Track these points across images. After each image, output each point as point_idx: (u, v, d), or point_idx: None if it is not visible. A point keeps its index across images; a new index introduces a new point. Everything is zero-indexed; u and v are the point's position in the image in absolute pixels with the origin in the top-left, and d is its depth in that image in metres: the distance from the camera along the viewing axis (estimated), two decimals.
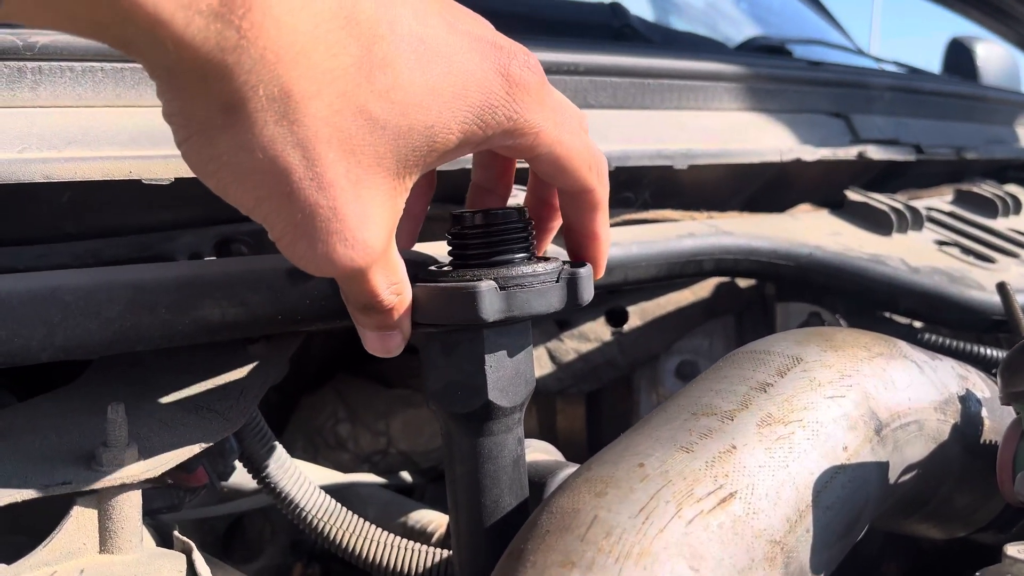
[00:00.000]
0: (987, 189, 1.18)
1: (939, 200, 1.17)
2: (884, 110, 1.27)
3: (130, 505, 0.53)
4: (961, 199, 1.17)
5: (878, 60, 1.84)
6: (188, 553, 0.56)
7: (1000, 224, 1.12)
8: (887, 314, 0.95)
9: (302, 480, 0.74)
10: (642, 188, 0.97)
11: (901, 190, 1.25)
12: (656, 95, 0.99)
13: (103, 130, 0.67)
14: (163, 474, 0.60)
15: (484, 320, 0.55)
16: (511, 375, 0.60)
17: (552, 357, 1.02)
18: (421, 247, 0.71)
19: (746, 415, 0.55)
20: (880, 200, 1.01)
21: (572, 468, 0.76)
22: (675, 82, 1.01)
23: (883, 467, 0.59)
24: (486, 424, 0.60)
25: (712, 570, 0.46)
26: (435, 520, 0.91)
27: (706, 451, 0.52)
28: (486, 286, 0.55)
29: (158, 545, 0.60)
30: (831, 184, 1.14)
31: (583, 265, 0.61)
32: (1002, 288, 0.79)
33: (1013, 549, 0.46)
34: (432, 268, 0.60)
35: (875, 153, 1.11)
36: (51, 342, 0.54)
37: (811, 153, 1.04)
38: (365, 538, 0.73)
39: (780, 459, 0.53)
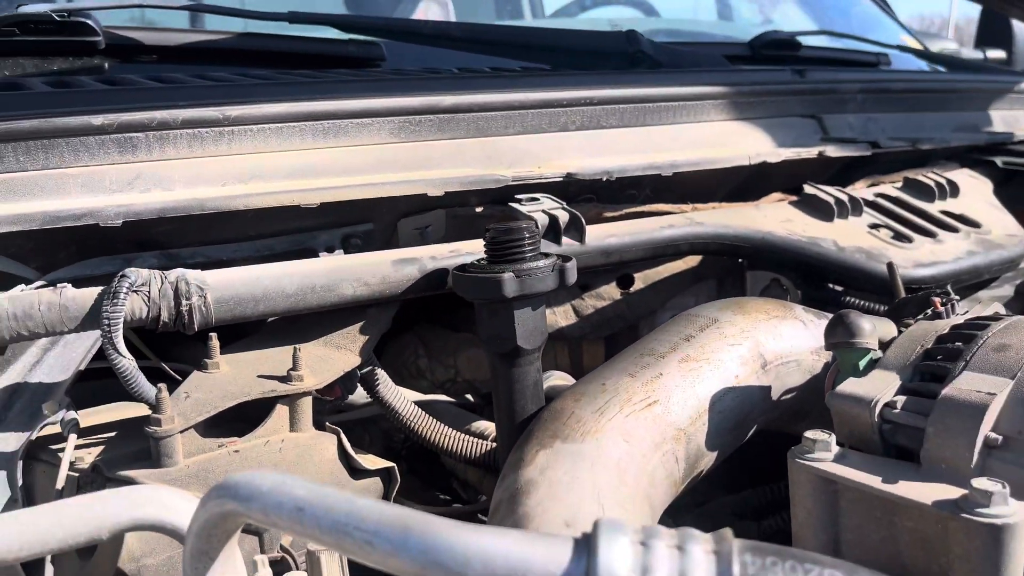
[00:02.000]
0: (930, 176, 1.47)
1: (890, 187, 1.47)
2: (856, 108, 1.57)
3: (307, 405, 0.91)
4: (907, 185, 1.46)
5: (886, 46, 2.08)
6: (338, 434, 0.94)
7: (935, 207, 1.42)
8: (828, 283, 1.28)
9: (400, 397, 1.12)
10: (643, 188, 1.31)
11: (867, 176, 1.55)
12: (655, 114, 1.32)
13: (273, 167, 1.04)
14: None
15: (506, 297, 0.91)
16: (531, 329, 0.96)
17: (576, 311, 1.37)
18: (472, 242, 1.06)
19: (672, 355, 0.90)
20: (828, 192, 1.32)
21: None
22: (671, 104, 1.33)
23: (766, 389, 0.93)
24: (515, 360, 0.97)
25: (637, 442, 0.82)
26: (489, 427, 1.28)
27: (643, 376, 0.88)
28: (508, 276, 0.91)
29: None
30: (802, 175, 1.45)
31: (570, 259, 0.96)
32: (889, 267, 1.11)
33: (810, 432, 0.80)
34: (474, 263, 0.96)
35: (833, 151, 1.42)
36: (256, 309, 0.92)
37: (776, 155, 1.35)
38: (442, 435, 1.10)
39: (690, 382, 0.88)
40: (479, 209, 1.18)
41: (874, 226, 1.33)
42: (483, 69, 1.44)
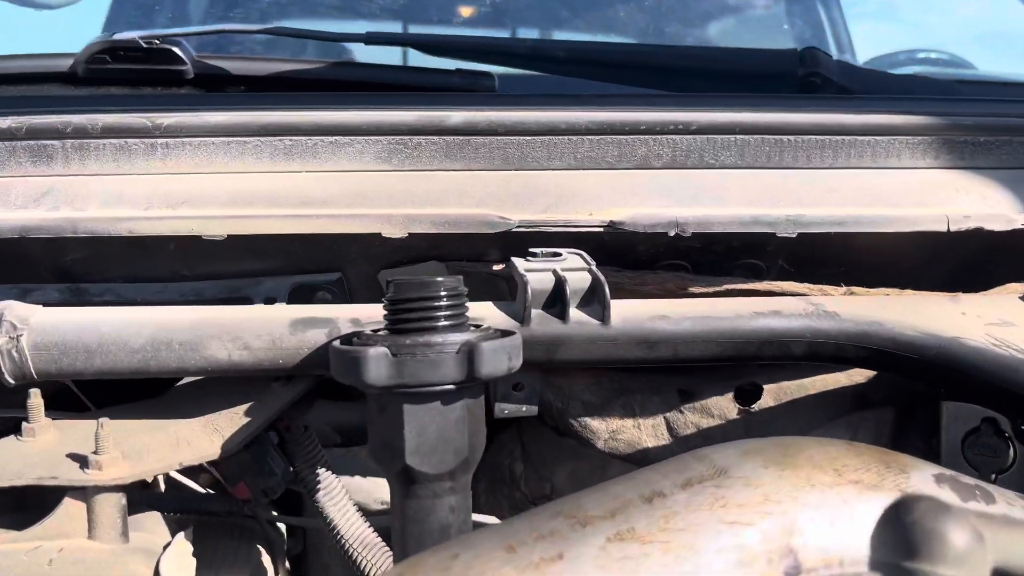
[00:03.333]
0: None
1: None
2: None
3: (110, 504, 0.65)
4: None
5: None
6: (160, 552, 0.66)
7: None
8: None
9: (345, 507, 0.81)
10: (771, 257, 0.88)
11: None
12: (800, 152, 0.89)
13: (213, 191, 0.82)
14: (223, 485, 0.73)
15: (369, 385, 0.58)
16: (432, 441, 0.61)
17: (670, 428, 0.96)
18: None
19: (603, 525, 0.50)
20: None
21: None
22: (827, 138, 0.89)
23: None
24: (411, 487, 0.63)
25: None
26: None
27: (529, 554, 0.49)
28: (374, 353, 0.58)
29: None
30: None
31: (510, 336, 0.60)
32: None
33: None
34: (370, 331, 0.64)
35: None
36: (90, 363, 0.69)
37: (1007, 221, 0.84)
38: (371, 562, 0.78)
39: None
40: (498, 267, 0.85)
41: None
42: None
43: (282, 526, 1.00)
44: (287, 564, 0.99)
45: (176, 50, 1.20)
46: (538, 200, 0.84)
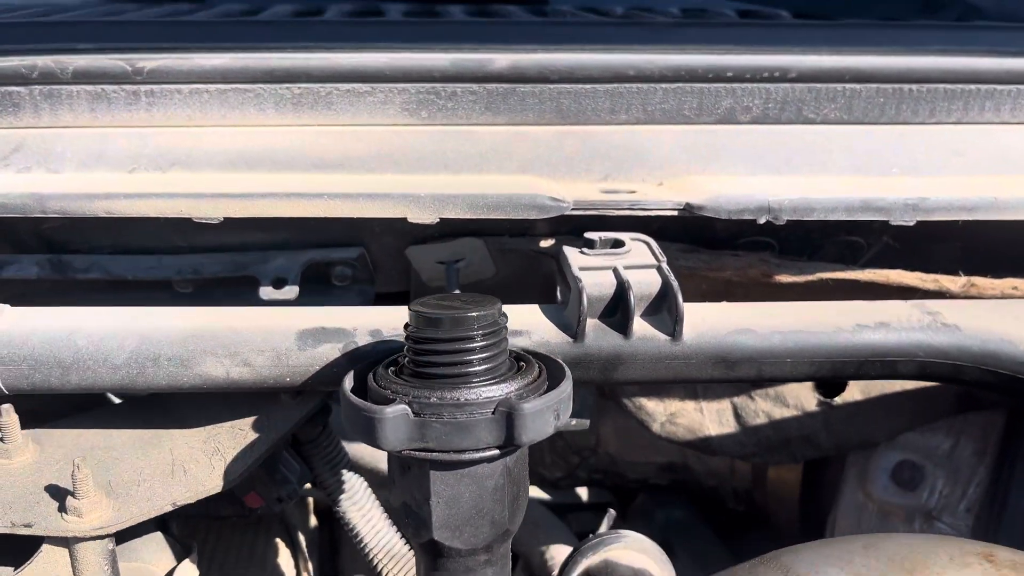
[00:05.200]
0: None
1: None
2: None
3: (94, 553, 0.57)
4: None
5: None
6: None
7: None
8: None
9: (370, 511, 0.73)
10: (874, 233, 0.73)
11: None
12: (921, 105, 0.72)
13: (209, 150, 0.69)
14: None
15: (389, 448, 0.47)
16: (469, 513, 0.51)
17: (737, 415, 0.85)
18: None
19: None
20: None
21: None
22: (958, 87, 0.72)
23: None
24: (439, 560, 0.53)
25: None
26: (559, 556, 0.85)
27: None
28: (392, 412, 0.47)
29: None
30: None
31: (559, 379, 0.49)
32: None
33: None
34: (387, 371, 0.52)
35: None
36: (66, 379, 0.58)
37: None
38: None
39: None
40: (546, 243, 0.72)
41: None
42: (670, 11, 0.93)
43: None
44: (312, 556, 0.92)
45: None
46: (597, 164, 0.69)
